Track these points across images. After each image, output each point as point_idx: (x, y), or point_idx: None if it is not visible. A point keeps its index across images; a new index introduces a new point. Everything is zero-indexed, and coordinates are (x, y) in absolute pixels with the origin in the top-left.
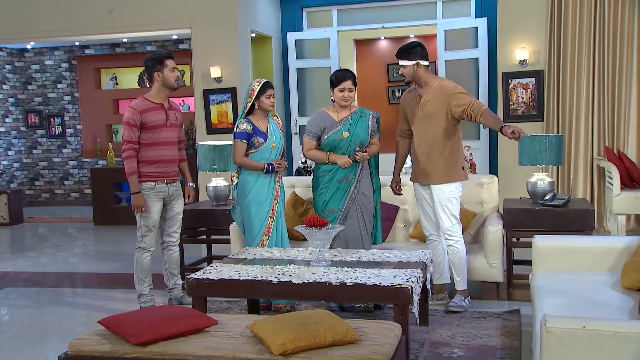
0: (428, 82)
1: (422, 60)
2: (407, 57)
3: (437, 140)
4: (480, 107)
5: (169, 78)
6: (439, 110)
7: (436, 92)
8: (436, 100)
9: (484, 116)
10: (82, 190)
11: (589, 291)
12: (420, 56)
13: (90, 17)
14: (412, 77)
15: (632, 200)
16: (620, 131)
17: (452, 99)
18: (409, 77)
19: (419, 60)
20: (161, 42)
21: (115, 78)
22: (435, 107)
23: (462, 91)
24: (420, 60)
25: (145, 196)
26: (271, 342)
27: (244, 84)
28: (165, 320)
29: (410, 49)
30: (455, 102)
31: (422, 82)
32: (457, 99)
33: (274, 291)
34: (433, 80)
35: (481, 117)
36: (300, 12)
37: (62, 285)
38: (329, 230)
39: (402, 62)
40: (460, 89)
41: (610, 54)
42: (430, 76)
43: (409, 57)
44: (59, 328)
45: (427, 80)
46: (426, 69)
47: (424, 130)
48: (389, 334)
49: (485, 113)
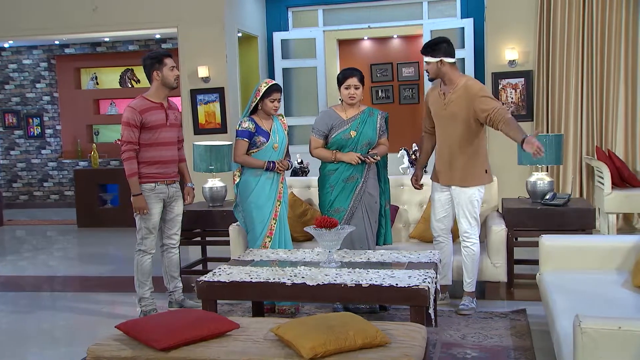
0: (453, 80)
1: (447, 57)
2: (431, 53)
3: (460, 141)
4: (505, 115)
5: (168, 77)
6: (463, 111)
7: (461, 92)
8: (461, 100)
9: (506, 124)
10: (62, 192)
11: (601, 290)
12: (444, 53)
13: (72, 16)
14: (436, 74)
15: (623, 199)
16: (608, 131)
17: (478, 102)
18: (432, 74)
19: (442, 58)
20: (144, 42)
21: (95, 78)
22: (459, 108)
23: (487, 94)
24: (445, 58)
25: (145, 198)
26: (300, 346)
27: (232, 83)
28: (188, 324)
29: (435, 45)
30: (480, 106)
31: (446, 80)
32: (482, 103)
33: (287, 293)
34: (459, 79)
35: (503, 124)
36: (285, 11)
37: (57, 289)
38: (339, 231)
39: (426, 58)
40: (485, 92)
41: (599, 54)
42: (456, 74)
43: (433, 53)
44: (63, 333)
45: (453, 78)
46: (451, 66)
47: (447, 129)
48: (416, 336)
49: (508, 121)
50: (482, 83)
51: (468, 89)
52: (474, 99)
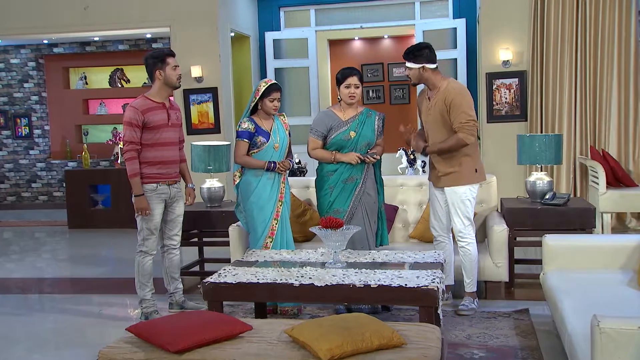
0: (436, 84)
1: (429, 63)
2: (414, 59)
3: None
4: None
5: (171, 76)
6: (444, 116)
7: (440, 97)
8: (441, 104)
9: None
10: (51, 192)
11: (608, 290)
12: (427, 59)
13: (62, 15)
14: (418, 79)
15: (618, 198)
16: (601, 131)
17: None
18: (414, 79)
19: (424, 64)
20: (134, 41)
21: (85, 77)
22: (441, 113)
23: (459, 103)
24: (427, 64)
25: (147, 198)
26: (317, 348)
27: (225, 83)
28: (200, 326)
29: (418, 51)
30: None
31: (430, 85)
32: (453, 111)
33: (295, 294)
34: (440, 83)
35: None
36: (277, 11)
37: (53, 292)
38: (345, 232)
39: (408, 64)
40: (458, 100)
41: (592, 55)
42: (438, 78)
43: (415, 59)
44: (65, 336)
45: (435, 83)
46: (433, 71)
47: (434, 132)
48: (431, 337)
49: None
50: (475, 83)
51: (446, 94)
52: (448, 104)
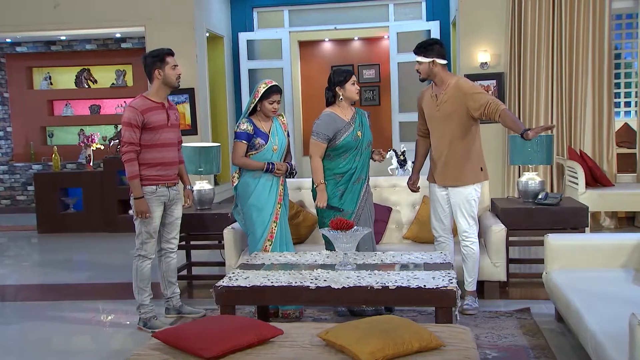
0: (445, 80)
1: (439, 58)
2: (424, 53)
3: (455, 141)
4: (498, 107)
5: (170, 76)
6: (457, 111)
7: (453, 92)
8: (453, 100)
9: (502, 117)
10: (14, 196)
11: (613, 288)
12: (437, 54)
13: (30, 13)
14: (428, 74)
15: (597, 197)
16: (577, 131)
17: (470, 99)
18: (424, 74)
19: (435, 59)
20: (102, 41)
21: (49, 78)
22: (453, 107)
23: (478, 91)
24: (437, 59)
25: (147, 201)
26: (358, 351)
27: (202, 84)
28: (233, 331)
29: (428, 45)
30: (473, 104)
31: (437, 81)
32: (475, 100)
33: (311, 297)
34: (449, 79)
35: (499, 117)
36: (250, 11)
37: (39, 299)
38: (355, 233)
39: (418, 58)
40: (476, 89)
41: (568, 57)
42: (447, 75)
43: (426, 54)
44: (70, 344)
45: (444, 79)
46: (443, 67)
47: (442, 130)
48: (466, 338)
49: (503, 114)
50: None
51: (459, 88)
52: (466, 97)
